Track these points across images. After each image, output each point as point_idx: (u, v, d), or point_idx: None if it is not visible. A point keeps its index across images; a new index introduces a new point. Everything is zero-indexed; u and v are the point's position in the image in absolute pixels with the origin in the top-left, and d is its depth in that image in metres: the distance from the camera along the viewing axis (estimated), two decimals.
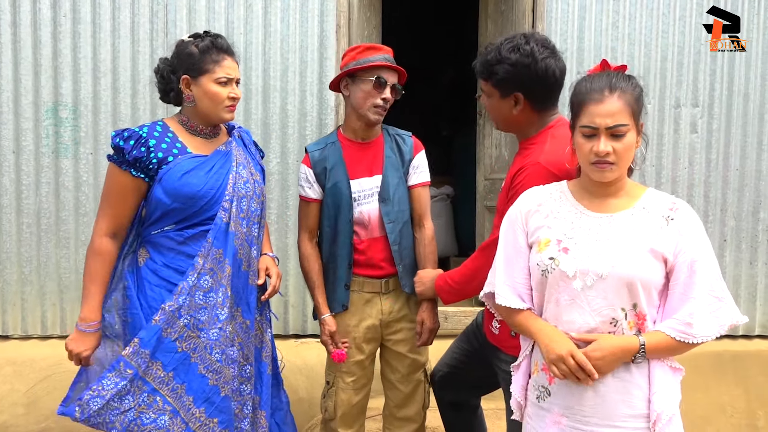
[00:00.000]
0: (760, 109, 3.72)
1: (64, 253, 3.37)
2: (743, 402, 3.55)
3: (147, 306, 1.97)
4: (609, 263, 1.51)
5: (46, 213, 3.36)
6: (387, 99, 2.27)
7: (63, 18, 3.29)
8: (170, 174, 1.97)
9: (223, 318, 1.99)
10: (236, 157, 2.10)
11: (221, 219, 2.01)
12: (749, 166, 3.72)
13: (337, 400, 2.36)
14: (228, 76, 2.04)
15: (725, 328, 1.52)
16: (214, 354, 1.97)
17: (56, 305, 3.40)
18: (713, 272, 1.53)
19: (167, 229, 2.01)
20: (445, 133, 7.09)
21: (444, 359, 2.40)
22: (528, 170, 1.83)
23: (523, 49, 1.86)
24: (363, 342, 2.36)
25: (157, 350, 1.93)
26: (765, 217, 3.76)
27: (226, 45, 2.08)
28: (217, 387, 1.98)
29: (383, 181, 2.33)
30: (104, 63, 3.33)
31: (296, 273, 3.47)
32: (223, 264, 2.00)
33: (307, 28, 3.41)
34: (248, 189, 2.09)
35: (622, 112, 1.51)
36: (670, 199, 1.59)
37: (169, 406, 1.93)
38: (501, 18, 3.90)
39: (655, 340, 1.51)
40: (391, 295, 2.37)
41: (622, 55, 3.61)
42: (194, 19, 3.35)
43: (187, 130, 2.08)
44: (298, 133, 3.44)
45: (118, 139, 1.96)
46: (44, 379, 3.23)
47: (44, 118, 3.32)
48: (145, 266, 2.02)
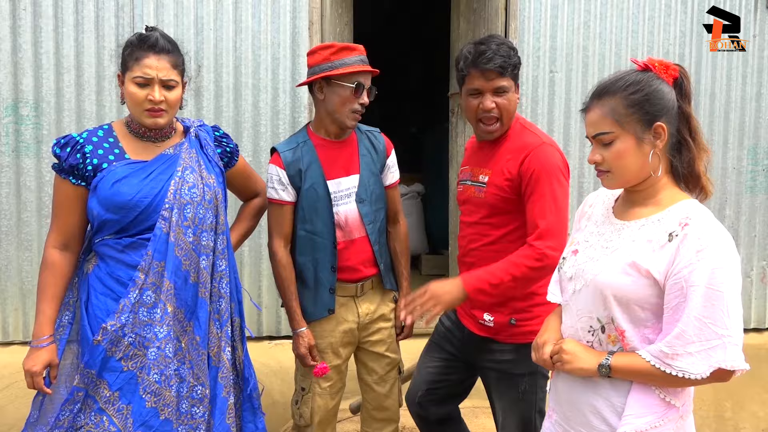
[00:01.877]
0: (726, 107, 3.82)
1: (27, 256, 3.25)
2: (711, 393, 3.64)
3: (94, 316, 1.86)
4: (594, 271, 1.47)
5: (7, 214, 3.22)
6: (365, 104, 2.21)
7: (23, 11, 3.16)
8: (102, 182, 1.85)
9: (162, 336, 1.86)
10: (184, 161, 1.94)
11: (161, 229, 1.87)
12: (715, 163, 3.82)
13: (313, 406, 2.30)
14: (145, 76, 1.84)
15: (724, 367, 1.31)
16: (152, 375, 1.85)
17: (18, 310, 3.27)
18: (719, 303, 1.30)
19: (107, 238, 1.90)
20: (414, 130, 7.10)
21: (419, 378, 2.32)
22: (534, 155, 1.95)
23: (510, 44, 2.06)
24: (340, 346, 2.31)
25: (104, 369, 1.83)
26: (730, 214, 3.87)
27: (153, 40, 1.86)
28: (155, 409, 1.85)
29: (361, 180, 2.26)
30: (67, 59, 3.21)
31: (269, 274, 3.41)
32: (163, 277, 1.88)
33: (279, 24, 3.34)
34: (194, 194, 1.93)
35: (603, 120, 1.44)
36: (688, 214, 1.38)
37: (114, 427, 1.83)
38: (473, 16, 3.89)
39: (626, 362, 1.40)
40: (366, 297, 2.33)
41: (593, 54, 3.66)
42: (162, 14, 3.26)
43: (131, 133, 1.94)
44: (270, 132, 3.37)
45: (56, 147, 1.85)
46: (6, 388, 3.10)
47: (4, 115, 3.18)
48: (93, 273, 1.91)
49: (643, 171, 1.44)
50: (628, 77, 1.45)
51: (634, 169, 1.44)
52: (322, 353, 2.28)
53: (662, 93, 1.42)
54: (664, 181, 1.46)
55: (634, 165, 1.43)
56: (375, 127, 2.41)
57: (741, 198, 3.88)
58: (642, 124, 1.42)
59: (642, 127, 1.42)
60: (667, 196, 1.45)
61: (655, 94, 1.42)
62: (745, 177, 3.87)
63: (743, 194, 3.87)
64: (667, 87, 1.43)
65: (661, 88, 1.42)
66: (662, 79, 1.44)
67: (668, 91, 1.43)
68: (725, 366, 1.30)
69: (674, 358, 1.32)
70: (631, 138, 1.42)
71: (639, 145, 1.42)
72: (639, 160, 1.43)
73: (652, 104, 1.42)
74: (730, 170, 3.83)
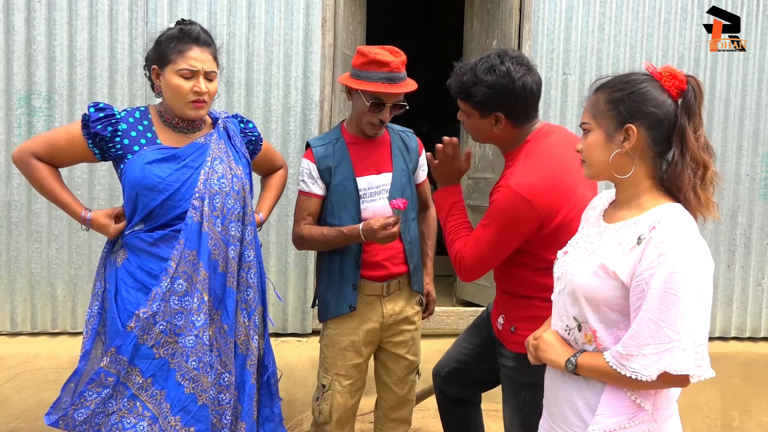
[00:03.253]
0: (740, 114, 3.78)
1: (36, 248, 3.26)
2: (719, 402, 3.61)
3: (123, 309, 1.90)
4: (572, 272, 1.50)
5: (17, 205, 3.23)
6: (384, 120, 2.20)
7: (37, 3, 3.17)
8: (132, 165, 1.90)
9: (200, 324, 1.91)
10: (213, 151, 1.99)
11: (191, 218, 1.90)
12: (728, 170, 3.77)
13: (333, 403, 2.30)
14: (191, 68, 1.88)
15: (669, 371, 1.30)
16: (190, 362, 1.90)
17: (27, 301, 3.28)
18: (673, 307, 1.30)
19: (137, 230, 1.93)
20: (425, 129, 7.08)
21: (451, 354, 2.34)
22: (499, 191, 1.85)
23: (499, 70, 1.84)
24: (362, 345, 2.31)
25: (135, 357, 1.87)
26: (742, 221, 3.82)
27: (196, 33, 1.91)
28: (194, 395, 1.91)
29: (393, 179, 2.30)
30: (81, 51, 3.21)
31: (276, 270, 3.41)
32: (197, 267, 1.92)
33: (292, 21, 3.34)
34: (223, 185, 1.97)
35: (587, 111, 1.51)
36: (659, 218, 1.38)
37: (148, 412, 1.87)
38: (487, 16, 3.88)
39: (590, 361, 1.43)
40: (392, 297, 2.33)
41: (607, 57, 3.63)
42: (175, 8, 3.26)
43: (163, 122, 1.98)
44: (281, 128, 3.37)
45: (93, 107, 1.91)
46: (13, 378, 3.12)
47: (17, 107, 3.19)
48: (123, 267, 1.95)
49: (609, 167, 1.47)
50: (622, 77, 1.47)
51: (600, 163, 1.48)
52: (344, 351, 2.29)
53: (644, 98, 1.42)
54: (647, 185, 1.46)
55: (599, 159, 1.48)
56: (408, 128, 2.47)
57: (754, 205, 3.83)
58: (614, 123, 1.45)
59: (614, 126, 1.45)
60: (649, 201, 1.46)
61: (635, 96, 1.42)
62: (758, 184, 3.82)
63: (756, 201, 3.83)
64: (659, 94, 1.42)
65: (645, 93, 1.42)
66: (662, 86, 1.42)
67: (657, 98, 1.42)
68: (670, 370, 1.30)
69: (628, 358, 1.34)
70: (602, 133, 1.47)
71: (607, 141, 1.46)
72: (605, 156, 1.47)
73: (627, 105, 1.43)
74: (744, 177, 3.79)
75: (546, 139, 1.94)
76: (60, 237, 3.26)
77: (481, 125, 1.95)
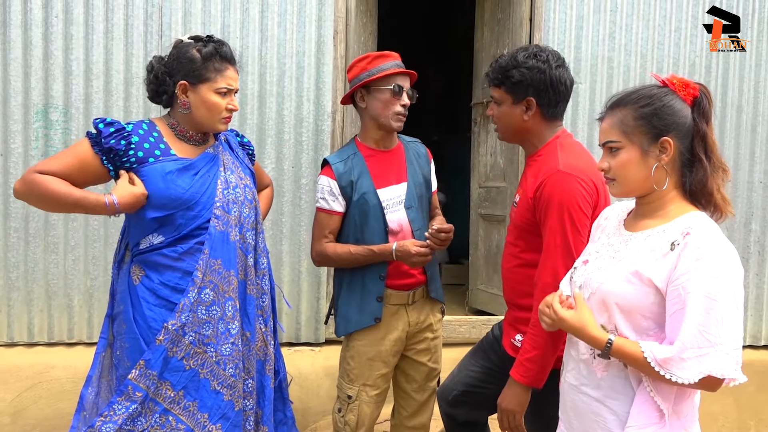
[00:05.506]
0: (753, 121, 3.77)
1: (53, 259, 3.30)
2: (734, 411, 3.58)
3: (146, 327, 1.88)
4: (600, 280, 1.50)
5: (35, 217, 3.28)
6: (406, 105, 2.28)
7: (55, 19, 3.22)
8: (152, 176, 1.88)
9: (235, 332, 1.94)
10: (224, 162, 2.02)
11: (215, 228, 1.92)
12: (741, 177, 3.76)
13: (360, 414, 2.30)
14: (229, 87, 1.97)
15: (714, 375, 1.32)
16: (228, 369, 1.92)
17: (44, 311, 3.32)
18: (713, 311, 1.32)
19: (157, 244, 1.91)
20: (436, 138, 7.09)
21: (458, 377, 2.31)
22: (550, 180, 1.86)
23: (539, 56, 1.96)
24: (390, 355, 2.32)
25: (165, 370, 1.87)
26: (756, 229, 3.80)
27: (230, 53, 2.00)
28: (231, 402, 1.93)
29: (408, 188, 2.34)
30: (96, 65, 3.26)
31: (290, 280, 3.43)
32: (226, 276, 1.94)
33: (304, 33, 3.37)
34: (238, 194, 2.01)
35: (613, 129, 1.49)
36: (691, 224, 1.40)
37: (182, 425, 1.88)
38: (497, 26, 3.90)
39: (624, 344, 1.41)
40: (417, 305, 2.36)
41: (618, 65, 3.63)
42: (190, 22, 3.30)
43: (175, 134, 1.99)
44: (294, 139, 3.40)
45: (101, 122, 1.88)
46: (30, 388, 3.15)
47: (34, 120, 3.24)
48: (141, 285, 1.91)
49: (647, 183, 1.48)
50: (642, 91, 1.49)
51: (637, 180, 1.48)
52: (371, 362, 2.29)
53: (673, 109, 1.45)
54: (673, 194, 1.49)
55: (637, 175, 1.48)
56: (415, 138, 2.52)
57: (767, 212, 3.81)
58: (648, 137, 1.46)
59: (648, 140, 1.46)
60: (675, 209, 1.48)
61: (665, 109, 1.45)
62: None
63: None
64: (681, 104, 1.46)
65: (673, 104, 1.45)
66: (679, 96, 1.46)
67: (682, 108, 1.45)
68: (715, 374, 1.31)
69: (668, 362, 1.34)
70: (636, 149, 1.47)
71: (643, 157, 1.46)
72: (642, 171, 1.47)
73: (660, 119, 1.45)
74: (757, 184, 3.77)
75: (573, 139, 2.04)
76: (76, 248, 3.30)
77: (511, 113, 2.01)
